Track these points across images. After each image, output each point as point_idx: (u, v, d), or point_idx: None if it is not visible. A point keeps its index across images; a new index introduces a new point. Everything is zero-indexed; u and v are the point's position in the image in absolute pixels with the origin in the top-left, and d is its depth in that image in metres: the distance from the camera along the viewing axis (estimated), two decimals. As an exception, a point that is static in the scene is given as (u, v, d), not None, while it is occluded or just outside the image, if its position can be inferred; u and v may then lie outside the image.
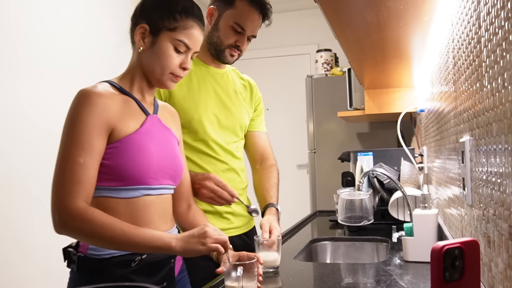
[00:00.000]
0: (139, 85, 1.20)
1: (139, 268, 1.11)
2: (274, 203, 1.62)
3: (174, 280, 1.22)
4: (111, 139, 1.08)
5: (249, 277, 1.05)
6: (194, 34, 1.17)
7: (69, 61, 2.72)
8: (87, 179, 1.04)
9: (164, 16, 1.14)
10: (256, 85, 1.79)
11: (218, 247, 1.03)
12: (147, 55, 1.16)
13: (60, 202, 1.02)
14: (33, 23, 2.49)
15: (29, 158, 2.41)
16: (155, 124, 1.19)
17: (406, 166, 2.15)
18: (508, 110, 0.69)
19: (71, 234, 1.04)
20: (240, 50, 1.59)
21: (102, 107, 1.08)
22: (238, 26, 1.54)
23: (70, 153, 1.04)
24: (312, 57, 4.56)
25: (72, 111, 1.08)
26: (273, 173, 1.73)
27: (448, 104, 1.37)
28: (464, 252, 0.71)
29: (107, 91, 1.12)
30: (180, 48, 1.15)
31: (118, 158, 1.07)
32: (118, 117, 1.10)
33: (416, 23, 1.27)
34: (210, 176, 1.40)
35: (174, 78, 1.17)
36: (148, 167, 1.11)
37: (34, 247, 2.40)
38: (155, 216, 1.15)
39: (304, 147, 3.91)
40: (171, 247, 1.03)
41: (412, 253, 1.41)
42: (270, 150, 1.79)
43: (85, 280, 1.08)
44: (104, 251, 1.08)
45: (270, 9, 1.59)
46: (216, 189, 1.37)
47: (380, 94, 2.60)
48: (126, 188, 1.10)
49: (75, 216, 1.00)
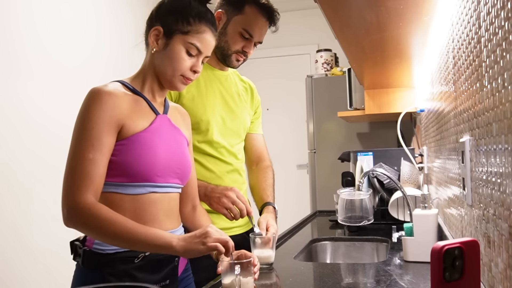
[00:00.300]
0: (150, 85, 1.22)
1: (142, 264, 1.13)
2: (271, 201, 1.65)
3: (177, 278, 1.22)
4: (120, 137, 1.11)
5: (246, 275, 1.06)
6: (206, 38, 1.20)
7: (69, 61, 2.72)
8: (96, 174, 1.06)
9: (178, 20, 1.18)
10: (255, 88, 1.81)
11: (217, 246, 1.04)
12: (160, 57, 1.19)
13: (69, 196, 1.05)
14: (33, 24, 2.49)
15: (31, 158, 2.42)
16: (164, 124, 1.21)
17: (406, 166, 2.15)
18: (508, 110, 0.69)
19: (77, 227, 1.06)
20: (246, 56, 1.61)
21: (112, 105, 1.10)
22: (246, 32, 1.55)
23: (81, 149, 1.07)
24: (312, 57, 4.56)
25: (83, 109, 1.11)
26: (269, 174, 1.76)
27: (448, 104, 1.37)
28: (464, 252, 0.71)
29: (118, 90, 1.15)
30: (192, 51, 1.18)
31: (125, 154, 1.10)
32: (128, 115, 1.13)
33: (416, 23, 1.27)
34: (234, 188, 1.42)
35: (185, 80, 1.20)
36: (154, 165, 1.13)
37: (37, 245, 2.40)
38: (160, 214, 1.17)
39: (304, 147, 3.91)
40: (172, 246, 1.03)
41: (412, 253, 1.41)
42: (266, 152, 1.82)
43: (89, 274, 1.11)
44: (109, 246, 1.10)
45: (277, 16, 1.61)
46: (238, 201, 1.39)
47: (380, 94, 2.60)
48: (132, 185, 1.12)
49: (83, 210, 1.03)
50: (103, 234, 1.05)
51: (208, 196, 1.43)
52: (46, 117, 2.52)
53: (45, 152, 2.49)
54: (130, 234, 1.03)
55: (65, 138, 1.19)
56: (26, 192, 2.38)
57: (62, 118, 2.57)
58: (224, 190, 1.41)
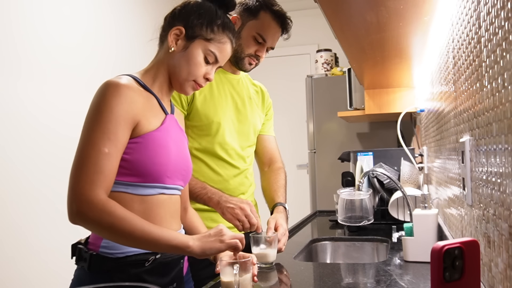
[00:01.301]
0: (161, 84, 1.20)
1: (152, 268, 1.11)
2: (282, 202, 1.66)
3: (182, 280, 1.22)
4: (133, 134, 1.07)
5: (244, 275, 1.06)
6: (226, 49, 1.20)
7: (70, 60, 2.72)
8: (110, 170, 1.01)
9: (203, 25, 1.17)
10: (267, 91, 1.84)
11: (237, 243, 1.05)
12: (177, 57, 1.17)
13: (80, 190, 0.98)
14: (33, 23, 2.49)
15: (34, 158, 2.42)
16: (173, 124, 1.20)
17: (406, 166, 2.15)
18: (508, 110, 0.69)
19: (88, 225, 1.00)
20: (258, 60, 1.64)
21: (130, 99, 1.06)
22: (260, 37, 1.59)
23: (95, 142, 1.01)
24: (312, 57, 4.56)
25: (99, 100, 1.05)
26: (280, 175, 1.77)
27: (448, 104, 1.37)
28: (464, 252, 0.71)
29: (133, 85, 1.10)
30: (210, 59, 1.17)
31: (139, 153, 1.07)
32: (143, 113, 1.09)
33: (416, 23, 1.27)
34: (248, 201, 1.43)
35: (196, 86, 1.19)
36: (166, 166, 1.11)
37: (41, 244, 2.40)
38: (167, 216, 1.15)
39: (304, 147, 3.91)
40: (188, 246, 1.02)
41: (412, 253, 1.41)
42: (278, 154, 1.84)
43: (96, 279, 1.05)
44: (118, 250, 1.07)
45: (290, 24, 1.64)
46: (251, 215, 1.39)
47: (380, 94, 2.61)
48: (143, 185, 1.09)
49: (96, 207, 0.97)
50: (117, 232, 0.99)
51: (221, 205, 1.43)
52: (48, 117, 2.52)
53: (48, 152, 2.49)
54: (146, 233, 0.99)
55: (69, 136, 1.18)
56: (28, 192, 2.38)
57: (64, 117, 2.57)
58: (239, 202, 1.42)
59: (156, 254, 1.11)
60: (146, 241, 1.00)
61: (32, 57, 2.47)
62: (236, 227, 1.41)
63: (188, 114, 1.54)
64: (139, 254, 1.08)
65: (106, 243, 1.07)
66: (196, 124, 1.54)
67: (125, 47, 3.15)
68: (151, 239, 1.00)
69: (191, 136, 1.55)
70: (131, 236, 0.99)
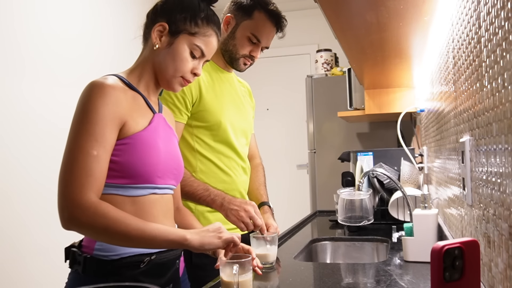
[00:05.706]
0: (147, 82, 1.18)
1: (148, 269, 1.10)
2: (266, 200, 1.69)
3: (179, 281, 1.22)
4: (121, 135, 1.05)
5: (244, 273, 1.06)
6: (211, 42, 1.18)
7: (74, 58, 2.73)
8: (100, 172, 1.00)
9: (186, 19, 1.14)
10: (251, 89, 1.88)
11: (233, 238, 1.06)
12: (162, 54, 1.15)
13: (71, 195, 0.96)
14: (37, 22, 2.50)
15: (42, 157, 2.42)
16: (161, 123, 1.18)
17: (406, 166, 2.15)
18: (508, 110, 0.69)
19: (82, 229, 0.99)
20: (253, 60, 1.64)
21: (115, 100, 1.04)
22: (255, 37, 1.59)
23: (83, 144, 0.99)
24: (312, 57, 4.56)
25: (85, 102, 1.03)
26: (260, 172, 1.82)
27: (448, 104, 1.37)
28: (464, 252, 0.71)
29: (119, 85, 1.08)
30: (196, 53, 1.16)
31: (128, 155, 1.05)
32: (129, 113, 1.08)
33: (416, 23, 1.27)
34: (252, 203, 1.44)
35: (184, 82, 1.17)
36: (156, 166, 1.09)
37: (49, 241, 2.40)
38: (160, 215, 1.14)
39: (304, 147, 3.91)
40: (186, 239, 1.02)
41: (412, 253, 1.41)
42: (257, 150, 1.89)
43: (91, 282, 1.02)
44: (112, 252, 1.05)
45: (285, 23, 1.64)
46: (256, 217, 1.39)
47: (380, 94, 2.61)
48: (134, 186, 1.07)
49: (88, 210, 0.96)
50: (112, 234, 0.98)
51: (225, 207, 1.42)
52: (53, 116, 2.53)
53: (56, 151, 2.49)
54: (142, 231, 0.98)
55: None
56: (35, 191, 2.38)
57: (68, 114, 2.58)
58: (243, 203, 1.41)
59: (151, 255, 1.10)
60: (143, 239, 0.99)
61: (37, 56, 2.48)
62: (241, 229, 1.41)
63: (194, 115, 1.52)
64: (134, 255, 1.07)
65: (100, 246, 1.06)
66: (204, 125, 1.53)
67: (124, 42, 3.15)
68: (148, 236, 0.99)
69: (198, 137, 1.54)
70: (127, 236, 0.98)
